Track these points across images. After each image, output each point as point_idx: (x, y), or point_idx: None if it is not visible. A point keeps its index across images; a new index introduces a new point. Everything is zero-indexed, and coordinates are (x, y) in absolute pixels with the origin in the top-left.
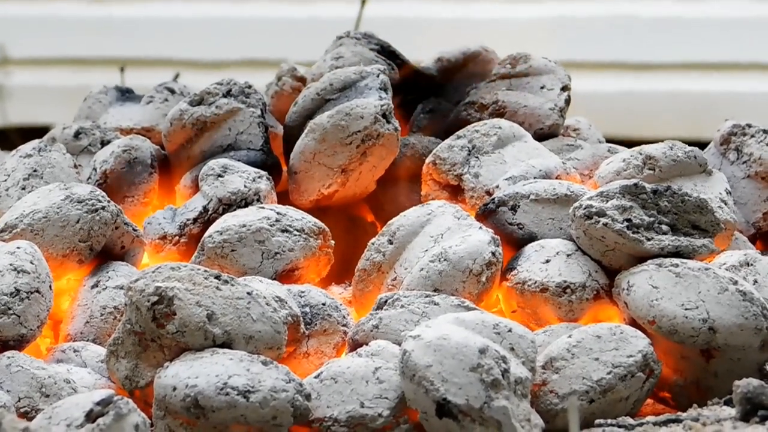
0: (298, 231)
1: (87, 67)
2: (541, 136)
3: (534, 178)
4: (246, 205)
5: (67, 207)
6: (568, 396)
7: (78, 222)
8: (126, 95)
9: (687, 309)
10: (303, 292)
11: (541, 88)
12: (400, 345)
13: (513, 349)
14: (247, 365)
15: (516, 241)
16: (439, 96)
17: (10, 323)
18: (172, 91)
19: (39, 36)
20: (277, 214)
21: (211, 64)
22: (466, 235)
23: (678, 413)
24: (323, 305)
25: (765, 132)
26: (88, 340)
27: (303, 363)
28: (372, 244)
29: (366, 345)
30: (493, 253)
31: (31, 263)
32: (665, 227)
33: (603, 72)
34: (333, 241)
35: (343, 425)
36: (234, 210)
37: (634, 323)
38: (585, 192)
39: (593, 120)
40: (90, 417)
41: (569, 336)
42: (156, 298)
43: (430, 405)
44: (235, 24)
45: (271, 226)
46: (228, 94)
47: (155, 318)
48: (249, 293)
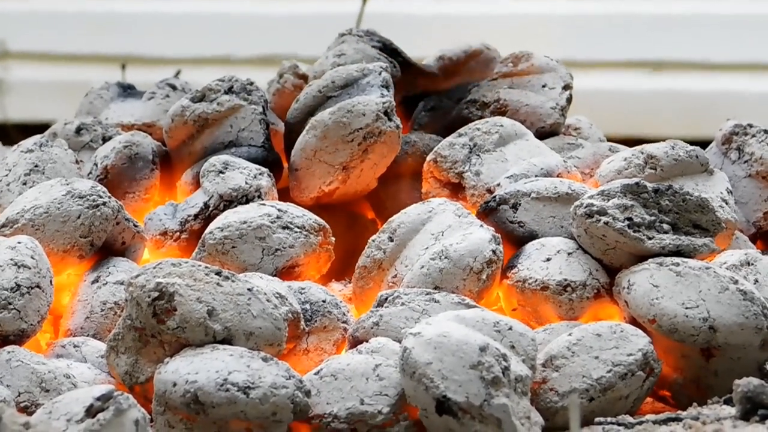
0: (298, 228)
1: (88, 63)
2: (543, 134)
3: (535, 176)
4: (247, 202)
5: (68, 202)
6: (568, 394)
7: (79, 217)
8: (127, 91)
9: (687, 308)
10: (303, 288)
11: (543, 86)
12: (400, 342)
13: (513, 347)
14: (248, 361)
15: (517, 239)
16: (441, 94)
17: (10, 318)
18: (173, 88)
19: (40, 31)
20: (278, 210)
21: (213, 60)
22: (466, 233)
23: (678, 412)
24: (323, 302)
25: (766, 132)
26: (88, 335)
27: (303, 360)
28: (372, 241)
29: (366, 342)
30: (494, 251)
31: (32, 258)
32: (666, 226)
33: (604, 71)
34: (333, 238)
35: (343, 422)
36: (235, 206)
37: (634, 322)
38: (586, 191)
39: (594, 119)
40: (90, 412)
41: (569, 334)
42: (156, 293)
43: (430, 402)
44: (237, 21)
45: (272, 222)
46: (229, 90)
47: (156, 314)
48: (249, 289)
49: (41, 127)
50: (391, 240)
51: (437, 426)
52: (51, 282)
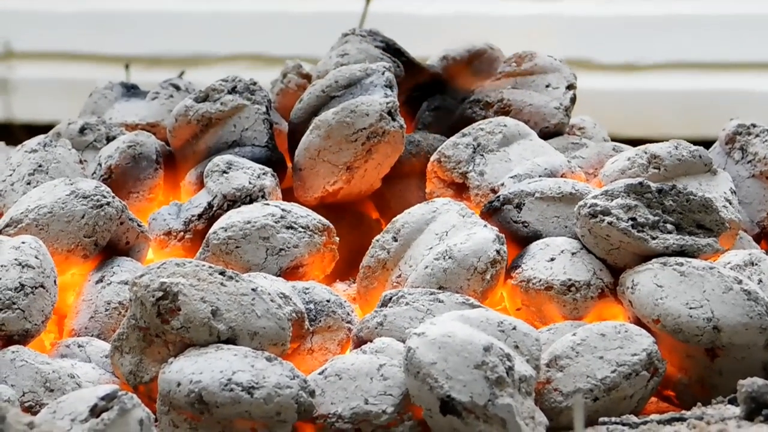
0: (302, 228)
1: (92, 63)
2: (547, 134)
3: (539, 176)
4: (251, 202)
5: (72, 202)
6: (572, 394)
7: (83, 217)
8: (131, 91)
9: (691, 308)
10: (307, 288)
11: (547, 86)
12: (404, 342)
13: (517, 347)
14: (252, 361)
15: (521, 239)
16: (445, 94)
17: (14, 318)
18: (177, 88)
19: (44, 30)
20: (282, 210)
21: (217, 60)
22: (470, 233)
23: (682, 412)
24: (327, 302)
25: None
26: (92, 335)
27: (307, 359)
28: (377, 241)
29: (370, 342)
30: (498, 251)
31: (36, 258)
32: (670, 226)
33: (608, 71)
34: (338, 238)
35: (347, 422)
36: (239, 206)
37: (638, 322)
38: (590, 190)
39: (598, 119)
40: (94, 412)
41: (574, 334)
42: (161, 293)
43: (434, 402)
44: (240, 20)
45: (276, 222)
46: (233, 90)
47: (160, 313)
48: (254, 289)
49: (45, 127)
50: (396, 240)
51: (441, 426)
52: (55, 282)
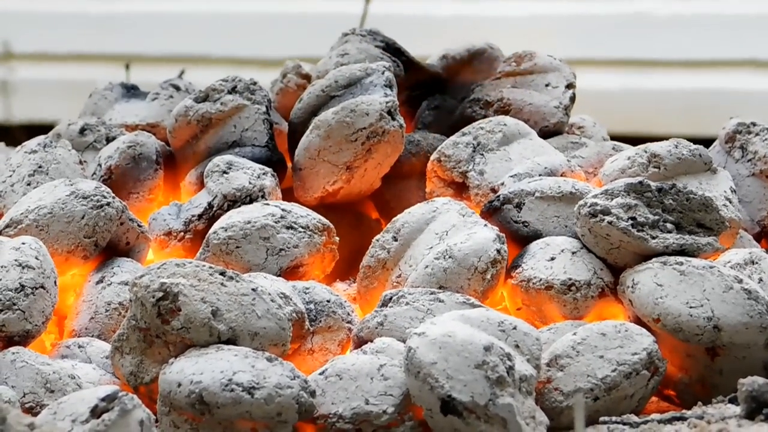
0: (302, 228)
1: (92, 63)
2: (546, 133)
3: (539, 175)
4: (251, 202)
5: (72, 203)
6: (572, 393)
7: (83, 218)
8: (131, 92)
9: (692, 307)
10: (308, 288)
11: (546, 85)
12: (404, 342)
13: (518, 347)
14: (252, 361)
15: (521, 239)
16: (444, 93)
17: (15, 319)
18: (177, 88)
19: (43, 31)
20: (282, 210)
21: (217, 60)
22: (471, 233)
23: (683, 411)
24: (328, 302)
25: None
26: (93, 335)
27: (308, 360)
28: (377, 240)
29: (371, 342)
30: (498, 251)
31: (36, 259)
32: (670, 225)
33: (608, 69)
34: (338, 238)
35: (348, 422)
36: (239, 206)
37: (639, 321)
38: (590, 190)
39: (598, 118)
40: (95, 412)
41: (574, 334)
42: (161, 294)
43: (435, 402)
44: (241, 21)
45: (276, 222)
46: (233, 90)
47: (160, 314)
48: (254, 290)
49: (45, 128)
50: (396, 240)
51: (442, 426)
52: (55, 282)
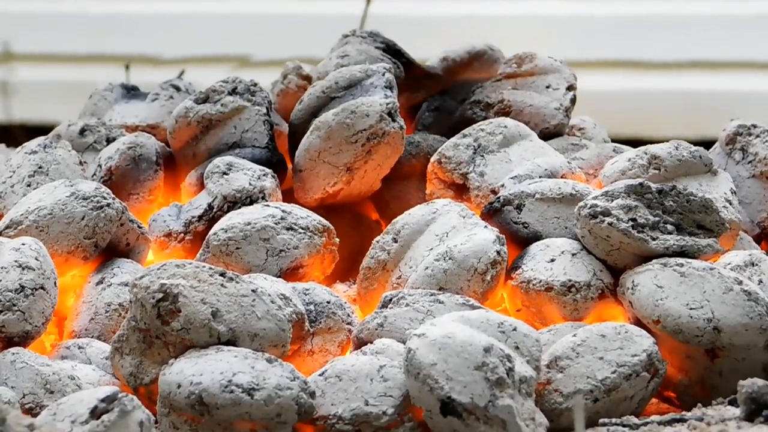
0: (303, 229)
1: (92, 64)
2: (547, 135)
3: (539, 177)
4: (251, 203)
5: (72, 204)
6: (572, 395)
7: (83, 219)
8: (131, 92)
9: (692, 308)
10: (307, 289)
11: (547, 87)
12: (404, 343)
13: (518, 348)
14: (252, 363)
15: (521, 240)
16: (445, 95)
17: (14, 320)
18: (177, 89)
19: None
20: (282, 212)
21: (217, 61)
22: (471, 234)
23: (682, 413)
24: (328, 303)
25: None
26: (92, 336)
27: (307, 361)
28: (377, 242)
29: (370, 343)
30: (498, 252)
31: (36, 260)
32: (670, 227)
33: (608, 71)
34: (338, 239)
35: (348, 423)
36: (239, 207)
37: (638, 322)
38: (590, 191)
39: (598, 119)
40: (94, 413)
41: (574, 335)
42: (161, 295)
43: (434, 403)
44: (241, 22)
45: (276, 224)
46: (233, 92)
47: (160, 315)
48: (254, 291)
49: (45, 129)
50: (396, 241)
51: (442, 427)
52: (55, 283)
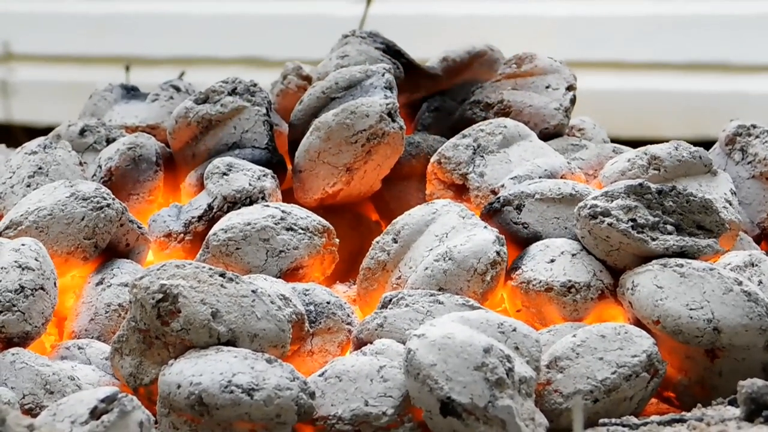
0: (302, 229)
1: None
2: (546, 135)
3: (539, 177)
4: (251, 203)
5: (72, 204)
6: (572, 395)
7: (83, 219)
8: (131, 93)
9: (692, 309)
10: (307, 290)
11: (547, 87)
12: (404, 344)
13: (517, 348)
14: (252, 363)
15: (521, 241)
16: (445, 95)
17: (14, 320)
18: (177, 89)
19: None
20: (282, 212)
21: (217, 61)
22: (471, 234)
23: (682, 413)
24: (328, 303)
25: None
26: (92, 337)
27: (307, 361)
28: (377, 242)
29: (370, 343)
30: (498, 253)
31: (36, 260)
32: (670, 227)
33: (608, 72)
34: (338, 240)
35: (348, 423)
36: (239, 208)
37: (638, 323)
38: (590, 192)
39: (598, 120)
40: (94, 414)
41: (574, 335)
42: (161, 295)
43: (434, 403)
44: (241, 22)
45: (276, 224)
46: (233, 92)
47: (160, 315)
48: (254, 291)
49: (45, 129)
50: (396, 242)
51: (442, 427)
52: (55, 284)
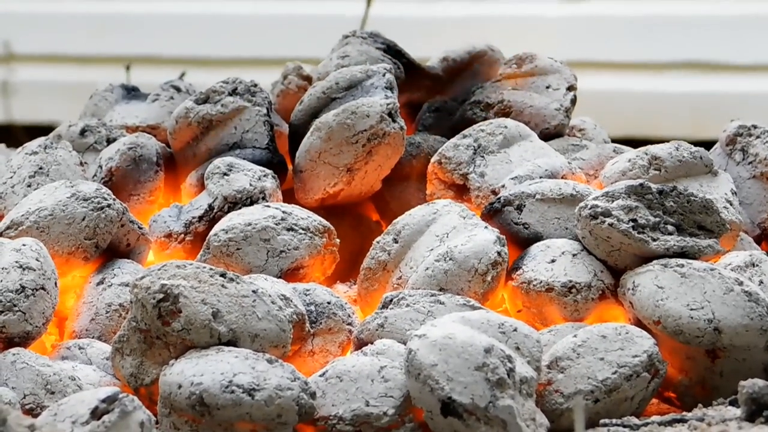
0: (303, 229)
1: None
2: (547, 135)
3: (540, 177)
4: (251, 204)
5: (73, 204)
6: (573, 395)
7: (84, 219)
8: (132, 93)
9: (692, 309)
10: (308, 290)
11: (547, 87)
12: (405, 344)
13: (518, 349)
14: (253, 363)
15: (522, 241)
16: (445, 95)
17: (15, 320)
18: (177, 89)
19: (44, 32)
20: (283, 212)
21: (217, 62)
22: (471, 235)
23: (683, 413)
24: (328, 304)
25: None
26: (93, 337)
27: (308, 361)
28: (377, 242)
29: (371, 344)
30: (499, 253)
31: (37, 260)
32: (671, 227)
33: (609, 72)
34: (338, 240)
35: (348, 424)
36: (239, 208)
37: (639, 323)
38: (590, 192)
39: (599, 120)
40: (95, 414)
41: (574, 336)
42: (161, 295)
43: (435, 404)
44: (241, 22)
45: (277, 224)
46: (234, 92)
47: (161, 315)
48: (254, 291)
49: (46, 129)
50: (396, 242)
51: (442, 428)
52: (56, 284)
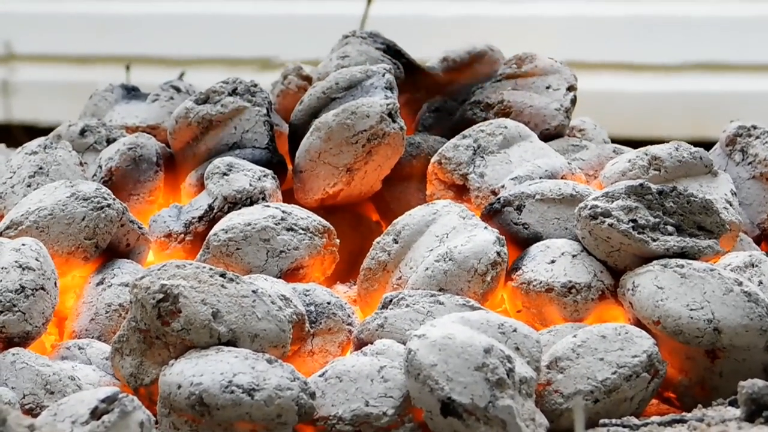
0: (303, 230)
1: (92, 64)
2: (547, 136)
3: (539, 178)
4: (251, 204)
5: (73, 204)
6: (572, 396)
7: (83, 219)
8: (132, 93)
9: (692, 309)
10: (308, 290)
11: (547, 88)
12: (405, 344)
13: (518, 349)
14: (252, 363)
15: (521, 241)
16: (445, 95)
17: (15, 320)
18: (177, 90)
19: (44, 32)
20: (283, 212)
21: (217, 62)
22: (471, 235)
23: (683, 413)
24: (328, 304)
25: None
26: (93, 337)
27: (308, 361)
28: (377, 243)
29: (371, 344)
30: (499, 253)
31: (37, 260)
32: (670, 228)
33: (609, 72)
34: (338, 240)
35: (348, 424)
36: (239, 208)
37: (639, 323)
38: (590, 192)
39: (599, 120)
40: (95, 414)
41: (574, 336)
42: (161, 295)
43: (434, 404)
44: (241, 22)
45: (277, 224)
46: (234, 92)
47: (160, 315)
48: (254, 291)
49: (46, 129)
50: (396, 242)
51: (442, 428)
52: (56, 284)
